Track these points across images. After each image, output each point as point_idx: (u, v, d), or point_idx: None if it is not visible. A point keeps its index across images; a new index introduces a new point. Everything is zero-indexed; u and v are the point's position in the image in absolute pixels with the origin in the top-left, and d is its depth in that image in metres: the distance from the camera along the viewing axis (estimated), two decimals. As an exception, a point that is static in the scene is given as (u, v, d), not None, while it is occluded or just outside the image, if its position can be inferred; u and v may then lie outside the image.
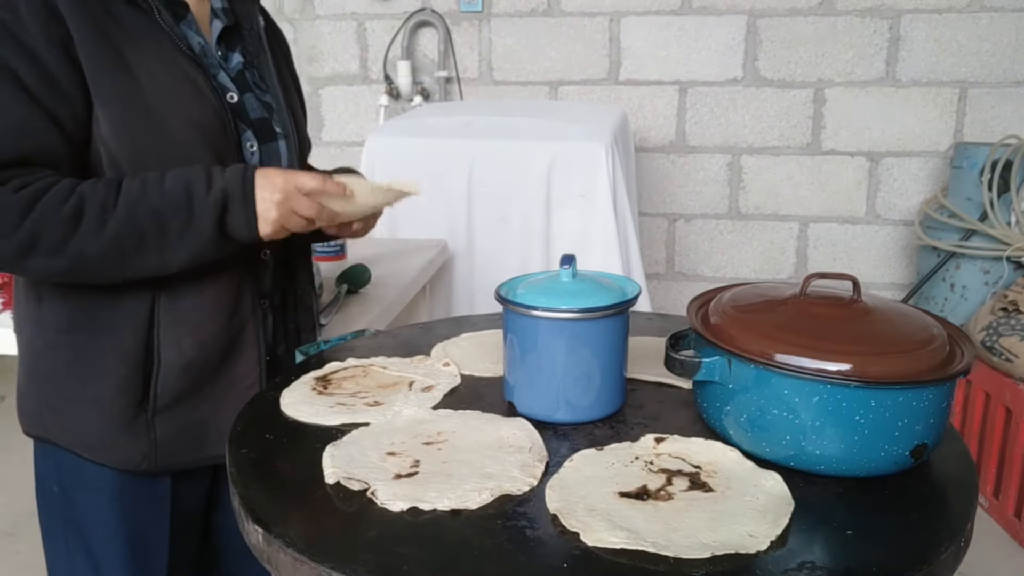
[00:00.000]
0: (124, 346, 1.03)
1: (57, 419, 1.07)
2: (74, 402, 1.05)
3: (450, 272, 2.23)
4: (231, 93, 1.08)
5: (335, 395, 0.96)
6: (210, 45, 1.08)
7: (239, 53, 1.13)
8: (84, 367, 1.04)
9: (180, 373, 1.05)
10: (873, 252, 3.17)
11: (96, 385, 1.03)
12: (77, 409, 1.05)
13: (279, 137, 1.14)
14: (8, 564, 2.27)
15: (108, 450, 1.06)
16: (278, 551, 0.67)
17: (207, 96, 1.03)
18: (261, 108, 1.13)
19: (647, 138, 3.20)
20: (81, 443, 1.07)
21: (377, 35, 3.27)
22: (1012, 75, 2.93)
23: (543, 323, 0.87)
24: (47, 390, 1.07)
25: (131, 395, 1.04)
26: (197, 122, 1.01)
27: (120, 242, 0.94)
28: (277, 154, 1.14)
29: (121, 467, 1.07)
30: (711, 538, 0.66)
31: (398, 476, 0.76)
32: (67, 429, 1.07)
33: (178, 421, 1.07)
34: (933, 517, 0.72)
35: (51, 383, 1.06)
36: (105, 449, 1.06)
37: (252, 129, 1.10)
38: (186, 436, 1.08)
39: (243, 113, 1.09)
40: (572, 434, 0.87)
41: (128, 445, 1.06)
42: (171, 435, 1.07)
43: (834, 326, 0.80)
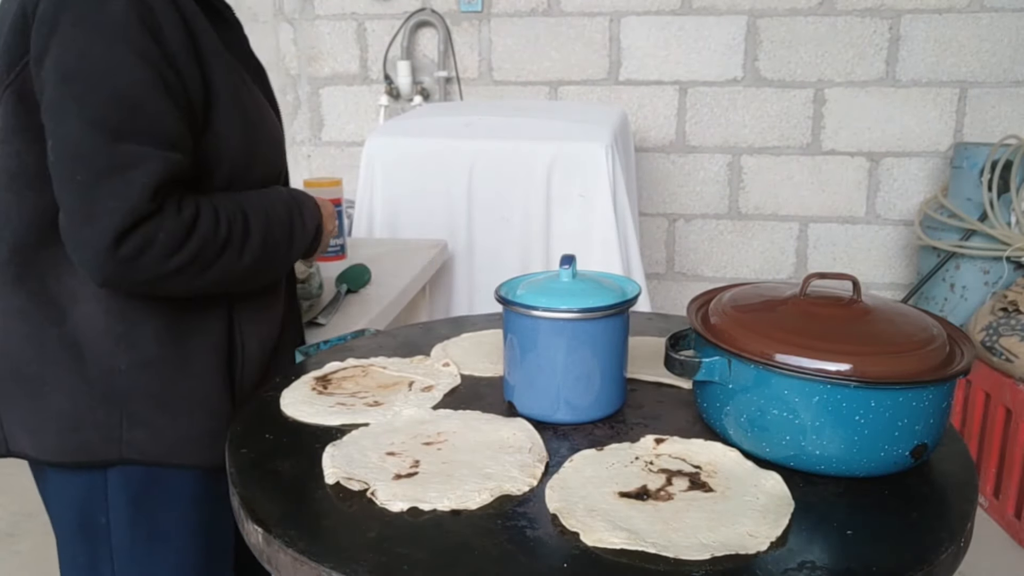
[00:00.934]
0: (217, 344, 1.04)
1: (146, 434, 1.01)
2: (178, 409, 1.02)
3: (450, 272, 2.23)
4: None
5: (335, 395, 0.96)
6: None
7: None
8: (187, 372, 1.02)
9: (261, 361, 1.10)
10: (873, 252, 3.17)
11: (201, 386, 1.03)
12: (181, 415, 1.02)
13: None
14: (8, 564, 2.28)
15: (208, 448, 1.03)
16: (278, 551, 0.67)
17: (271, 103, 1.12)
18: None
19: (647, 138, 3.20)
20: (178, 451, 1.03)
21: (377, 35, 3.27)
22: (1012, 75, 2.93)
23: (543, 323, 0.87)
24: (134, 407, 1.00)
25: (226, 390, 1.06)
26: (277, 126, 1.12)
27: (257, 263, 1.01)
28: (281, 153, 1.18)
29: (212, 463, 1.03)
30: (711, 538, 0.66)
31: (398, 476, 0.76)
32: (160, 440, 1.02)
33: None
34: (933, 517, 0.72)
35: (143, 399, 1.01)
36: (205, 448, 1.03)
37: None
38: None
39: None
40: (572, 434, 0.87)
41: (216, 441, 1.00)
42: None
43: (834, 326, 0.80)
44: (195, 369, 1.03)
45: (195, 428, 1.03)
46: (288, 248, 1.07)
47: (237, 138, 1.00)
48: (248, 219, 0.99)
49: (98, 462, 1.01)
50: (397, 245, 2.06)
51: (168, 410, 1.02)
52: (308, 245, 1.10)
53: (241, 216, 0.98)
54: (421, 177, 2.23)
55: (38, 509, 1.14)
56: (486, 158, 2.20)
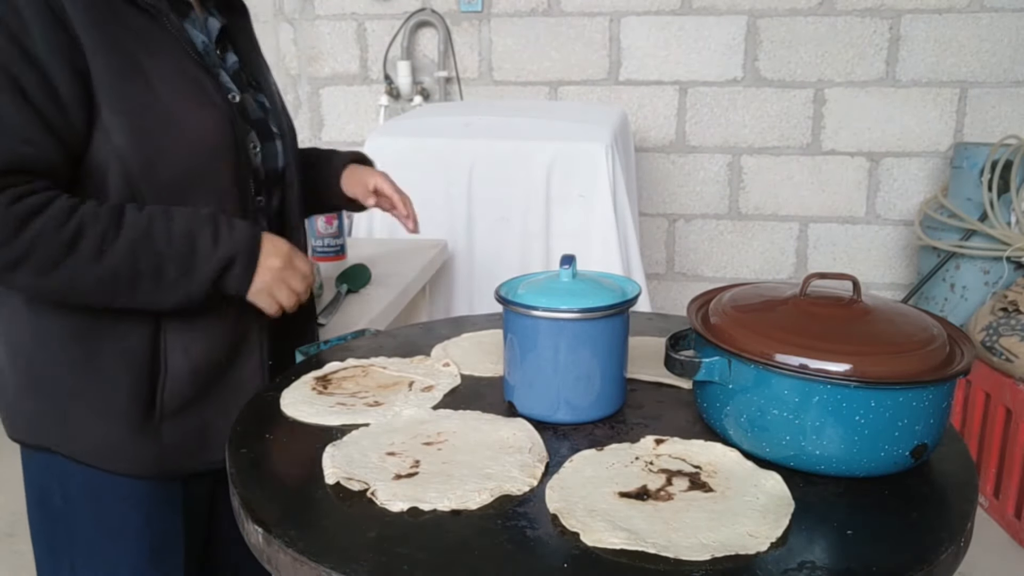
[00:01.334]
0: (131, 352, 1.02)
1: (62, 429, 1.05)
2: (82, 411, 1.03)
3: (450, 272, 2.23)
4: (233, 93, 1.08)
5: (335, 395, 0.96)
6: (211, 44, 1.08)
7: (232, 52, 1.13)
8: (92, 375, 1.02)
9: (188, 378, 1.05)
10: (873, 252, 3.17)
11: (105, 393, 1.02)
12: (86, 418, 1.03)
13: (276, 137, 1.14)
14: (8, 564, 2.27)
15: (117, 458, 1.05)
16: (278, 551, 0.67)
17: (215, 99, 1.02)
18: (258, 108, 1.13)
19: (647, 138, 3.20)
20: (91, 452, 1.05)
21: (377, 35, 3.27)
22: (1012, 75, 2.93)
23: (543, 323, 0.87)
24: (50, 400, 1.04)
25: (140, 401, 1.03)
26: (209, 126, 1.01)
27: (116, 276, 0.94)
28: (275, 153, 1.14)
29: (127, 473, 1.06)
30: (711, 538, 0.66)
31: (398, 476, 0.76)
32: (74, 438, 1.05)
33: (185, 426, 1.06)
34: (933, 517, 0.72)
35: (55, 393, 1.04)
36: (115, 457, 1.05)
37: (254, 129, 1.10)
38: (192, 440, 1.07)
39: (245, 112, 1.09)
40: (572, 434, 0.87)
41: (137, 451, 1.04)
42: (178, 440, 1.06)
43: (834, 326, 0.80)
44: (105, 375, 1.02)
45: (111, 435, 1.04)
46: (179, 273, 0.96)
47: (126, 137, 0.95)
48: (119, 230, 0.93)
49: (34, 445, 1.07)
50: (397, 245, 2.06)
51: (80, 411, 1.03)
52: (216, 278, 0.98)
53: (105, 224, 0.93)
54: (421, 177, 2.23)
55: None
56: (486, 158, 2.20)
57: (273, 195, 1.16)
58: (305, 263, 1.07)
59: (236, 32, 1.15)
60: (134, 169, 0.96)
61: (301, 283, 1.05)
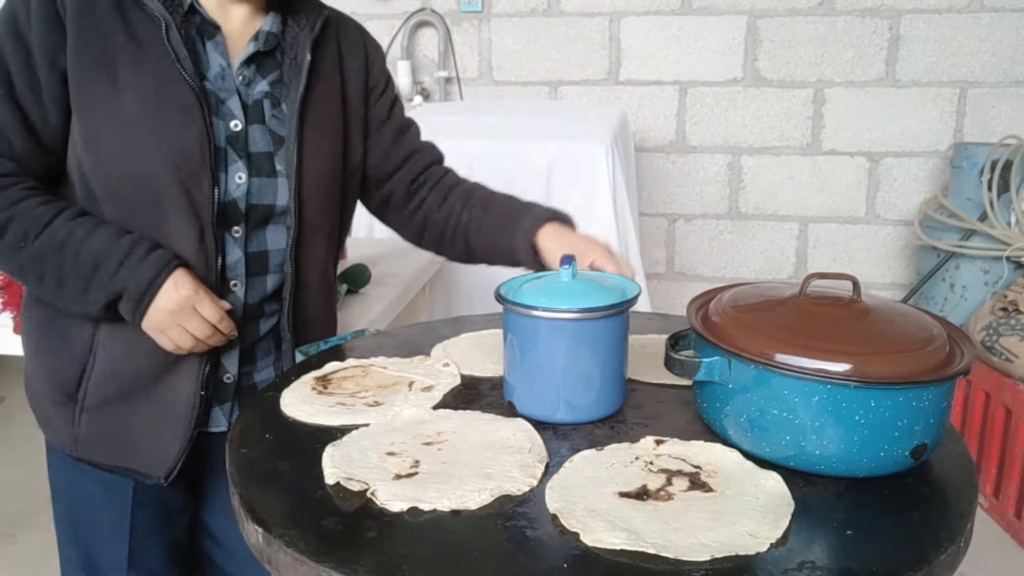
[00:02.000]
0: (73, 339, 1.07)
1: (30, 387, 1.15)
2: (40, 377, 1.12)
3: (450, 272, 2.23)
4: (235, 121, 1.05)
5: (335, 395, 0.96)
6: (231, 69, 1.06)
7: (267, 81, 1.09)
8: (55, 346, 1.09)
9: (108, 377, 1.07)
10: (873, 252, 3.17)
11: (51, 366, 1.10)
12: (40, 381, 1.12)
13: (279, 175, 1.09)
14: (8, 564, 2.28)
15: (44, 424, 1.14)
16: (278, 551, 0.67)
17: (196, 125, 1.00)
18: (269, 142, 1.08)
19: (647, 138, 3.20)
20: (35, 412, 1.14)
21: (377, 35, 3.24)
22: (1012, 75, 2.93)
23: (543, 323, 0.87)
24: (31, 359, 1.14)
25: (65, 386, 1.08)
26: (172, 147, 0.99)
27: (25, 273, 1.02)
28: (273, 191, 1.09)
29: (55, 445, 1.13)
30: (711, 538, 0.66)
31: (398, 476, 0.76)
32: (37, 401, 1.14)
33: (104, 423, 1.09)
34: (933, 517, 0.72)
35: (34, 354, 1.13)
36: (43, 422, 1.14)
37: (247, 160, 1.06)
38: (110, 440, 1.10)
39: (241, 143, 1.06)
40: (572, 434, 0.87)
41: (57, 427, 1.11)
42: (95, 434, 1.09)
43: (834, 326, 0.80)
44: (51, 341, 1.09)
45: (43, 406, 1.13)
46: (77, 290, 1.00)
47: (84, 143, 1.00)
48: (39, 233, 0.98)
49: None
50: (397, 245, 2.05)
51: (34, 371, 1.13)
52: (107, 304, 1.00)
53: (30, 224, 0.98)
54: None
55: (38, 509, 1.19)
56: (486, 158, 2.20)
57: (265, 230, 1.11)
58: (212, 309, 1.02)
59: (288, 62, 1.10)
60: (90, 176, 1.01)
61: (200, 328, 1.02)
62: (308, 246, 1.14)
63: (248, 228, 1.09)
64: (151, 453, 1.09)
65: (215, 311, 1.03)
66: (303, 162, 1.09)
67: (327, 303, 1.24)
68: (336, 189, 1.18)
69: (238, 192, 1.06)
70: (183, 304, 1.00)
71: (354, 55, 1.22)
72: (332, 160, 1.16)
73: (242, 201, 1.07)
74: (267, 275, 1.12)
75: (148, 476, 1.10)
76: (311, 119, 1.11)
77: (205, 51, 1.04)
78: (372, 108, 1.24)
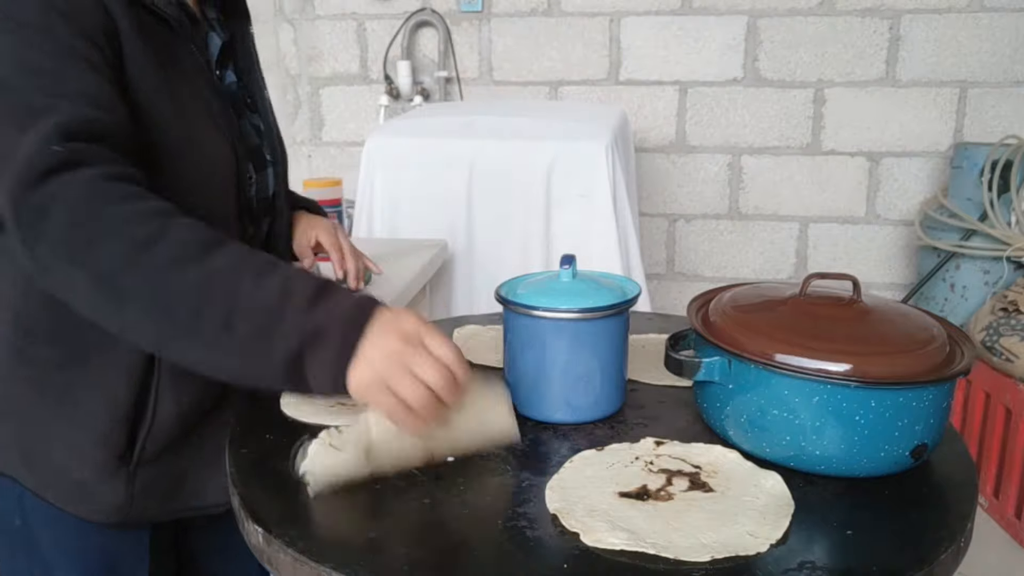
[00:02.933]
0: (116, 395, 0.91)
1: (26, 459, 0.95)
2: (51, 445, 0.94)
3: (450, 272, 2.23)
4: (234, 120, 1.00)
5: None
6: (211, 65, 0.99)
7: (231, 71, 1.04)
8: (69, 410, 0.92)
9: (175, 424, 0.95)
10: (873, 252, 3.17)
11: (78, 431, 0.92)
12: (53, 451, 0.94)
13: (268, 164, 1.06)
14: (8, 564, 2.27)
15: (78, 501, 0.95)
16: (278, 551, 0.67)
17: (222, 128, 0.95)
18: (253, 133, 1.05)
19: (647, 138, 3.20)
20: (50, 488, 0.95)
21: (377, 35, 3.27)
22: (1012, 75, 2.93)
23: (543, 323, 0.87)
24: (20, 426, 0.95)
25: (114, 447, 0.93)
26: (216, 157, 0.93)
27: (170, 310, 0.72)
28: (266, 184, 1.05)
29: (87, 517, 0.96)
30: (711, 538, 0.66)
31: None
32: (35, 471, 0.95)
33: (160, 471, 0.97)
34: (933, 517, 0.72)
35: (27, 420, 0.94)
36: (75, 500, 0.95)
37: (250, 158, 1.02)
38: (162, 487, 0.98)
39: (245, 140, 1.02)
40: (572, 434, 0.87)
41: (101, 498, 0.94)
42: (148, 486, 0.96)
43: (834, 326, 0.80)
44: (82, 412, 0.92)
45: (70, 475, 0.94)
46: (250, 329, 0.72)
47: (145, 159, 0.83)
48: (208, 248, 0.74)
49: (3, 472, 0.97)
50: (397, 245, 2.05)
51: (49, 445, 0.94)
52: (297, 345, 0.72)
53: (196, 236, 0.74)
54: (421, 177, 2.23)
55: None
56: (486, 158, 2.20)
57: (262, 225, 1.08)
58: (445, 343, 0.75)
59: (237, 46, 1.05)
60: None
61: (434, 372, 0.72)
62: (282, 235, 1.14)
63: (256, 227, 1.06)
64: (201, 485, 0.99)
65: (449, 346, 0.75)
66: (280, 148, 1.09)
67: None
68: None
69: (251, 191, 1.03)
70: (411, 337, 0.73)
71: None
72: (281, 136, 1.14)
73: (253, 199, 1.03)
74: None
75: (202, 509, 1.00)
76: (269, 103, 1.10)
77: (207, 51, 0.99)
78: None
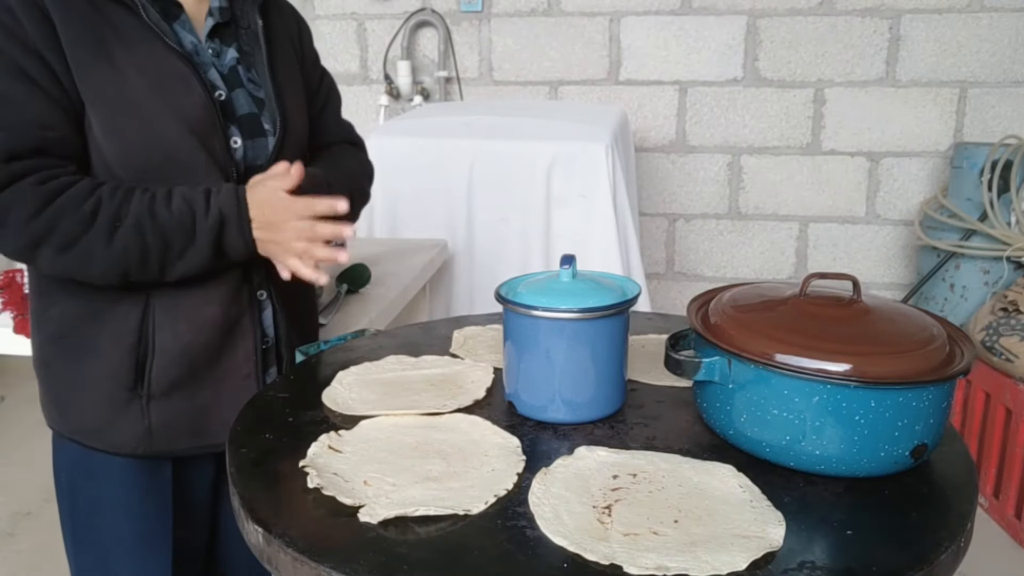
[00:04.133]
0: (122, 332, 1.05)
1: (60, 407, 1.11)
2: (72, 388, 1.08)
3: (450, 272, 2.23)
4: (219, 91, 1.08)
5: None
6: (202, 44, 1.09)
7: (234, 49, 1.13)
8: (82, 354, 1.06)
9: (176, 358, 1.07)
10: (873, 252, 3.17)
11: (91, 369, 1.06)
12: (74, 394, 1.08)
13: (267, 133, 1.13)
14: (8, 564, 2.28)
15: (102, 434, 1.09)
16: (278, 551, 0.67)
17: (196, 91, 1.03)
18: (251, 104, 1.12)
19: (647, 138, 3.20)
20: (80, 429, 1.10)
21: (377, 35, 3.27)
22: (1012, 75, 2.93)
23: (543, 323, 0.87)
24: (51, 380, 1.11)
25: (124, 379, 1.06)
26: (186, 117, 1.02)
27: (126, 253, 0.98)
28: (265, 149, 1.13)
29: (115, 451, 1.09)
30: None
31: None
32: (67, 416, 1.10)
33: (175, 407, 1.08)
34: (933, 517, 0.72)
35: (53, 373, 1.10)
36: (100, 432, 1.09)
37: (238, 125, 1.10)
38: (183, 422, 1.09)
39: (230, 109, 1.09)
40: (572, 434, 0.87)
41: (122, 429, 1.08)
42: (167, 421, 1.08)
43: (834, 326, 0.80)
44: (98, 355, 1.06)
45: (91, 410, 1.08)
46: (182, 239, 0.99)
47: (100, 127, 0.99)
48: (127, 206, 0.97)
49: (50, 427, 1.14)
50: (397, 245, 2.06)
51: (71, 389, 1.09)
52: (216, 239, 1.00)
53: (117, 202, 0.97)
54: (421, 177, 2.23)
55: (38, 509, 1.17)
56: (486, 158, 2.20)
57: None
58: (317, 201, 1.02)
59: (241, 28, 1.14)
60: (113, 162, 1.01)
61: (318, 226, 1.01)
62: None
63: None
64: (220, 423, 1.07)
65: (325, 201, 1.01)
66: (287, 120, 1.14)
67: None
68: (306, 143, 1.23)
69: (238, 155, 1.09)
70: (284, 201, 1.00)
71: (287, 24, 1.25)
72: (304, 116, 1.22)
73: (239, 164, 1.09)
74: None
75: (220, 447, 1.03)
76: (281, 79, 1.16)
77: (174, 31, 1.06)
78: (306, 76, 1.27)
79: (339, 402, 0.93)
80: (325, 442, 0.83)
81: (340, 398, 0.95)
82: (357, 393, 0.96)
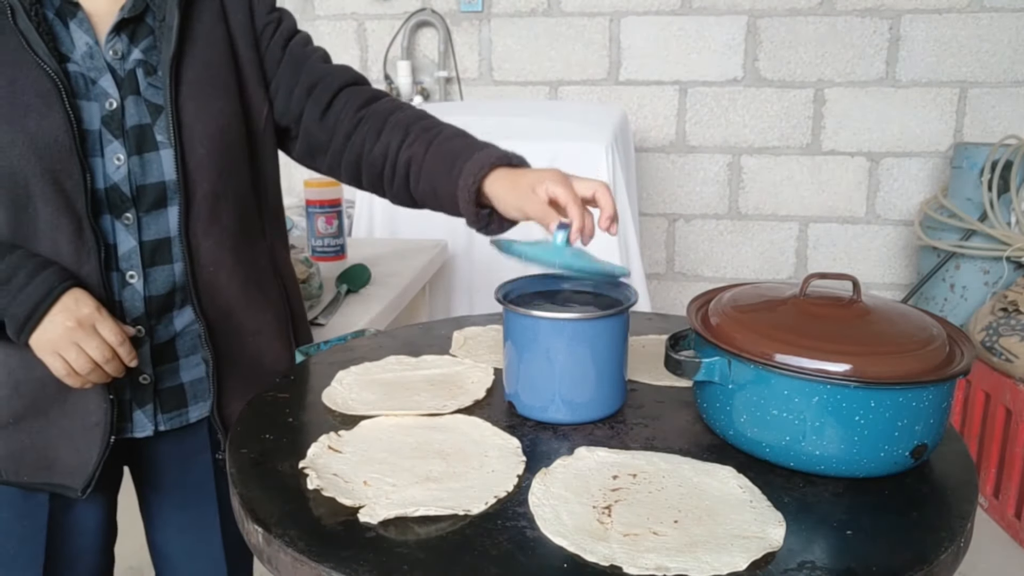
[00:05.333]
0: None
1: None
2: None
3: (450, 272, 2.23)
4: (110, 100, 0.98)
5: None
6: (99, 46, 0.98)
7: (140, 49, 1.01)
8: None
9: (12, 392, 1.03)
10: (873, 252, 3.17)
11: None
12: None
13: (161, 146, 1.01)
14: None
15: None
16: (278, 551, 0.67)
17: (52, 108, 0.94)
18: (143, 113, 1.00)
19: (647, 138, 3.20)
20: None
21: (377, 35, 3.27)
22: (1012, 75, 2.93)
23: (543, 323, 0.87)
24: None
25: None
26: (32, 137, 0.93)
27: None
28: (158, 166, 1.01)
29: None
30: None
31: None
32: None
33: (21, 441, 1.04)
34: (933, 517, 0.72)
35: None
36: None
37: (124, 139, 0.99)
38: (29, 456, 1.05)
39: (117, 121, 0.99)
40: (572, 434, 0.87)
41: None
42: (12, 452, 1.04)
43: (834, 326, 0.80)
44: None
45: None
46: None
47: None
48: None
49: None
50: (397, 245, 2.06)
51: None
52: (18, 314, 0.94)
53: None
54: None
55: None
56: (486, 158, 2.19)
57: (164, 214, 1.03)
58: (114, 329, 0.96)
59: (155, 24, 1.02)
60: None
61: (100, 350, 0.95)
62: (211, 219, 1.04)
63: (141, 213, 1.01)
64: (71, 465, 1.04)
65: (117, 332, 0.96)
66: (183, 128, 1.01)
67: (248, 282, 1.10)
68: (239, 152, 1.07)
69: (119, 175, 0.99)
70: (83, 321, 0.94)
71: (237, 7, 1.09)
72: (225, 121, 1.05)
73: (126, 184, 0.99)
74: (172, 263, 1.04)
75: (69, 489, 1.05)
76: (189, 80, 1.02)
77: (68, 32, 0.97)
78: (266, 54, 1.11)
79: (339, 402, 0.93)
80: (325, 442, 0.83)
81: (340, 398, 0.95)
82: (357, 393, 0.96)
